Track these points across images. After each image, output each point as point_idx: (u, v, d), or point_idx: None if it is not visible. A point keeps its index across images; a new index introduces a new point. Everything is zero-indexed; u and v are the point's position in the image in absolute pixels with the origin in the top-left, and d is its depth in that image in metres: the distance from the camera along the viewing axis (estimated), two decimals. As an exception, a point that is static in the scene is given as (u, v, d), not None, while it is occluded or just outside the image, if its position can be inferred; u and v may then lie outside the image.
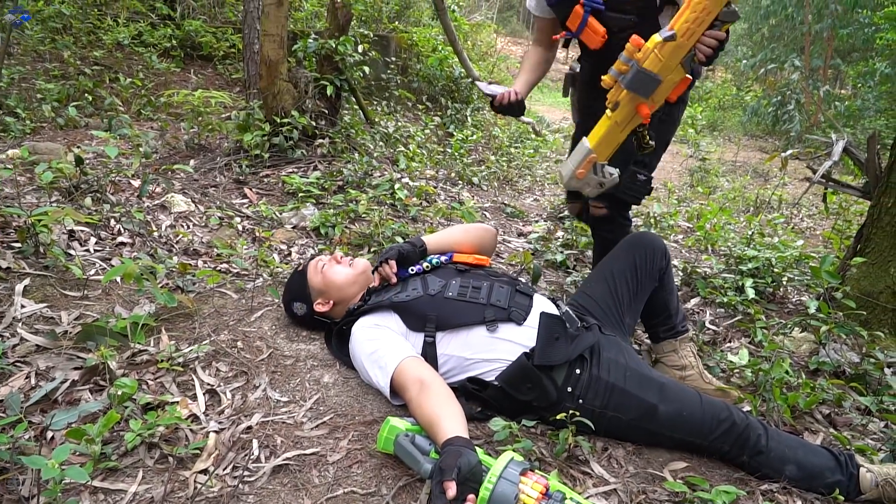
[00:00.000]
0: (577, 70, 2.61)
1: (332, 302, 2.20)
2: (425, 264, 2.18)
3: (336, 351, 2.12)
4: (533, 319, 1.93)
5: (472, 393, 1.89)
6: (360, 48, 4.57)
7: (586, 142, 2.07)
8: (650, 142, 2.12)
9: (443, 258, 2.22)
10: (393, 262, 2.19)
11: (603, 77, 1.99)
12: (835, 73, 15.87)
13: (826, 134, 9.89)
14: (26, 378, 1.80)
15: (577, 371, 1.85)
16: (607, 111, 2.04)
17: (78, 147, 3.16)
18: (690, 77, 1.99)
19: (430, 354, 1.91)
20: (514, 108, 2.35)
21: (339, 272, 2.20)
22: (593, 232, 2.77)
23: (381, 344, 1.88)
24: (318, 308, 2.21)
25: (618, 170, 2.13)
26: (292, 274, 2.31)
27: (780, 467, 1.77)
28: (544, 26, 2.47)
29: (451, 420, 1.56)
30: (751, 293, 3.15)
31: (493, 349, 1.89)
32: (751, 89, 15.66)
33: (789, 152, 5.11)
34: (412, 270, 2.17)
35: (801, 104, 11.99)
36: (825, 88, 13.00)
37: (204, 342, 2.08)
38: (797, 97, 11.89)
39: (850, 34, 13.16)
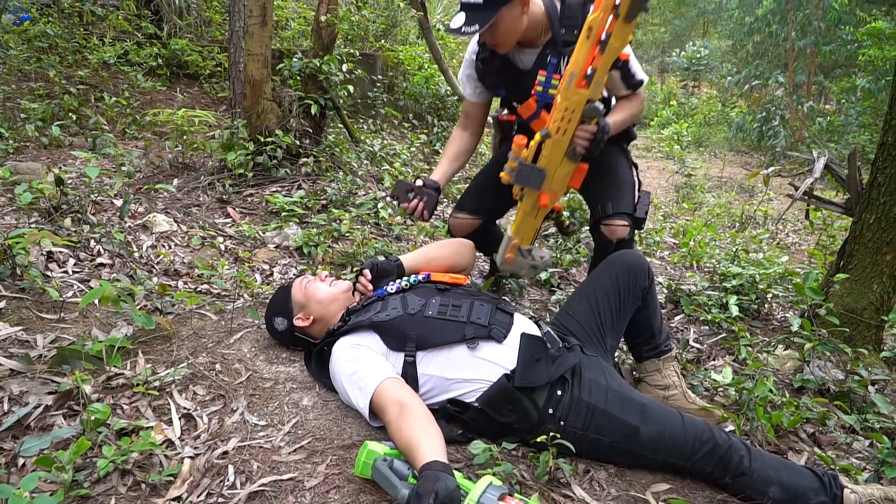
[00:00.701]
0: (501, 115, 2.77)
1: (312, 318, 2.18)
2: (403, 282, 2.16)
3: (316, 372, 2.10)
4: (514, 339, 1.92)
5: (452, 415, 1.87)
6: (344, 67, 4.57)
7: (508, 230, 2.38)
8: (570, 225, 2.54)
9: (420, 277, 2.21)
10: (367, 272, 2.21)
11: (502, 174, 2.24)
12: (818, 89, 16.07)
13: (810, 150, 9.99)
14: (-2, 403, 1.76)
15: (559, 392, 1.84)
16: (519, 202, 2.33)
17: (59, 167, 3.13)
18: (586, 164, 2.22)
19: (410, 374, 1.89)
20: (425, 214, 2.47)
21: (321, 288, 2.21)
22: (599, 251, 2.58)
23: (361, 364, 1.86)
24: (298, 323, 2.19)
25: (549, 252, 2.46)
26: (277, 290, 2.31)
27: (764, 489, 1.75)
28: (475, 111, 2.66)
29: (429, 443, 1.55)
30: (735, 310, 3.15)
31: (473, 369, 1.87)
32: (736, 105, 15.83)
33: (771, 170, 5.14)
34: (391, 289, 2.14)
35: (786, 120, 12.10)
36: (809, 104, 13.14)
37: (181, 365, 2.05)
38: (781, 113, 12.00)
39: (832, 51, 13.35)
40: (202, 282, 2.81)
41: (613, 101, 2.44)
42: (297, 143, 4.32)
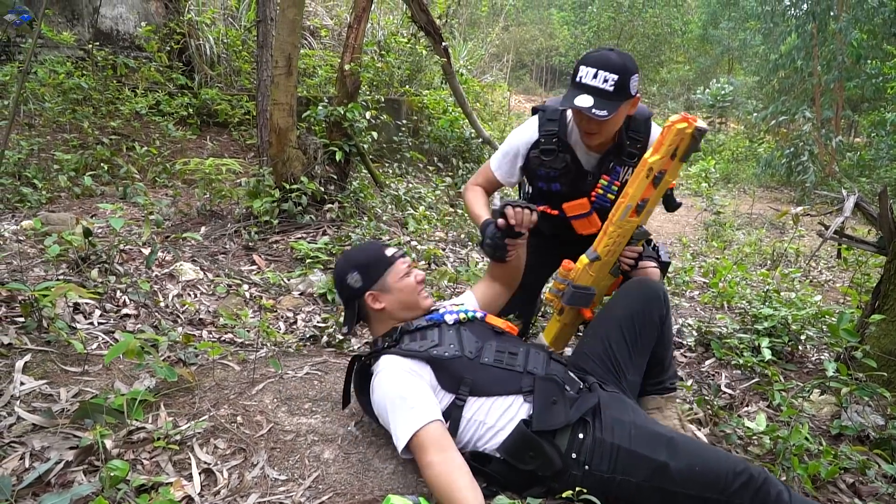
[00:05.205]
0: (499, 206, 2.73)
1: (383, 306, 2.04)
2: (461, 314, 2.05)
3: (357, 388, 2.04)
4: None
5: (475, 469, 1.82)
6: (368, 114, 4.64)
7: (542, 337, 2.52)
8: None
9: (478, 313, 2.11)
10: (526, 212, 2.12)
11: (546, 294, 2.44)
12: (847, 123, 15.89)
13: (840, 185, 9.83)
14: (20, 459, 1.77)
15: (581, 436, 1.79)
16: (555, 314, 2.47)
17: (88, 218, 3.20)
18: (622, 277, 2.36)
19: (454, 416, 1.83)
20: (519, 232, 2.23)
21: (414, 290, 2.08)
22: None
23: (413, 394, 1.79)
24: (369, 299, 2.03)
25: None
26: (371, 245, 2.17)
27: None
28: (495, 183, 2.66)
29: (467, 492, 1.55)
30: (767, 354, 3.06)
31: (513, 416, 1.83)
32: (763, 141, 15.70)
33: (800, 209, 5.06)
34: (448, 319, 2.01)
35: (815, 155, 11.95)
36: (838, 139, 12.98)
37: (203, 418, 2.04)
38: (810, 148, 11.86)
39: (857, 85, 13.22)
40: (226, 331, 2.82)
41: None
42: (322, 189, 4.37)
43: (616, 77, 2.16)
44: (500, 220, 2.14)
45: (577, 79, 2.22)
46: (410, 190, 5.55)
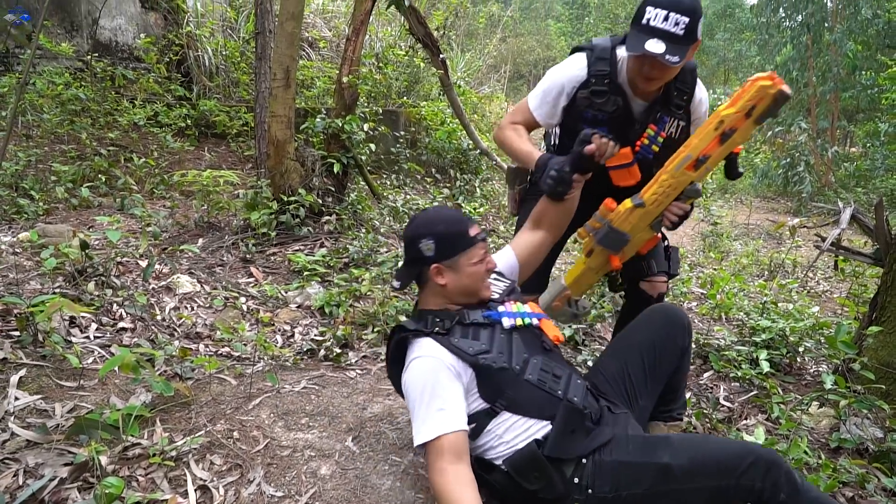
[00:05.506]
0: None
1: (446, 283, 1.91)
2: (518, 320, 1.93)
3: (390, 357, 1.95)
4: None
5: (478, 476, 1.80)
6: (366, 126, 4.64)
7: (562, 279, 2.36)
8: (621, 284, 2.50)
9: (535, 319, 1.98)
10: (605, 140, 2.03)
11: (578, 230, 2.27)
12: (843, 134, 15.95)
13: (836, 196, 9.86)
14: (14, 476, 1.75)
15: (584, 461, 1.77)
16: (582, 255, 2.31)
17: (85, 230, 3.19)
18: (659, 236, 2.29)
19: (481, 423, 1.79)
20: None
21: (483, 276, 1.95)
22: (635, 307, 2.52)
23: (448, 396, 1.72)
24: (434, 271, 1.90)
25: (589, 303, 2.31)
26: (453, 213, 1.99)
27: None
28: (532, 124, 2.46)
29: None
30: (765, 366, 3.06)
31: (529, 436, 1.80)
32: (760, 151, 15.75)
33: (796, 221, 5.07)
34: (505, 323, 1.90)
35: (811, 165, 12.00)
36: (834, 149, 13.03)
37: (199, 433, 2.03)
38: (806, 159, 11.90)
39: (852, 96, 13.29)
40: (223, 345, 2.81)
41: None
42: (320, 201, 4.37)
43: (687, 20, 2.02)
44: (590, 147, 2.01)
45: (644, 21, 2.05)
46: (408, 201, 5.55)
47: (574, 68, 2.32)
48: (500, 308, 1.96)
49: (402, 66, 7.93)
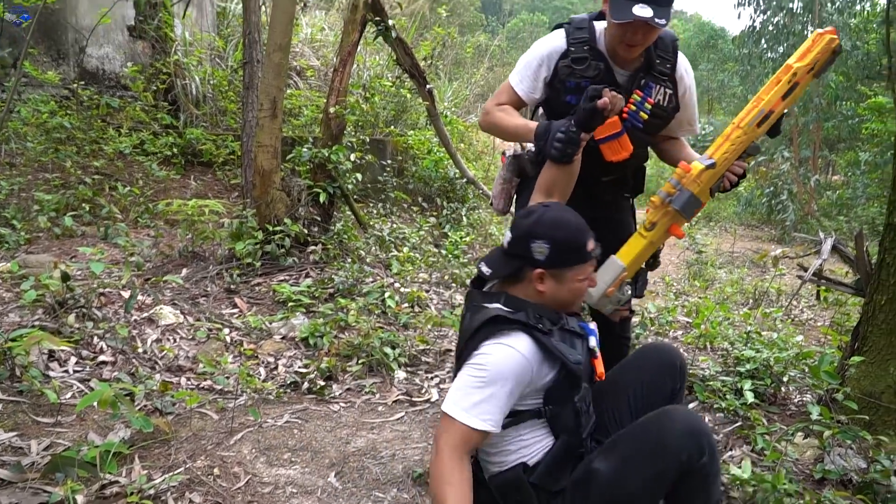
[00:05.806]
0: (526, 154, 2.49)
1: (544, 290, 1.80)
2: (593, 339, 1.87)
3: (474, 321, 1.79)
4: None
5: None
6: (352, 156, 4.66)
7: (618, 260, 2.12)
8: (656, 262, 2.30)
9: (596, 344, 1.90)
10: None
11: (651, 198, 2.13)
12: (825, 162, 16.20)
13: (819, 224, 9.98)
14: (-13, 517, 1.72)
15: (565, 489, 1.75)
16: (641, 230, 2.15)
17: (67, 261, 3.16)
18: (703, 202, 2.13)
19: (520, 419, 1.74)
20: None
21: (581, 294, 1.89)
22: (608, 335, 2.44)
23: (501, 393, 1.64)
24: (539, 274, 1.79)
25: (630, 286, 2.21)
26: (572, 221, 1.85)
27: None
28: (517, 101, 2.40)
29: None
30: (750, 397, 3.06)
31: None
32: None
33: (779, 251, 5.13)
34: (592, 342, 1.86)
35: (794, 194, 12.17)
36: (815, 178, 13.24)
37: (178, 470, 2.00)
38: (789, 188, 12.08)
39: (834, 126, 13.53)
40: (205, 378, 2.78)
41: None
42: (306, 231, 4.37)
43: None
44: (602, 100, 1.91)
45: None
46: (395, 230, 5.55)
47: (553, 40, 2.33)
48: (591, 324, 1.92)
49: (390, 95, 7.99)
